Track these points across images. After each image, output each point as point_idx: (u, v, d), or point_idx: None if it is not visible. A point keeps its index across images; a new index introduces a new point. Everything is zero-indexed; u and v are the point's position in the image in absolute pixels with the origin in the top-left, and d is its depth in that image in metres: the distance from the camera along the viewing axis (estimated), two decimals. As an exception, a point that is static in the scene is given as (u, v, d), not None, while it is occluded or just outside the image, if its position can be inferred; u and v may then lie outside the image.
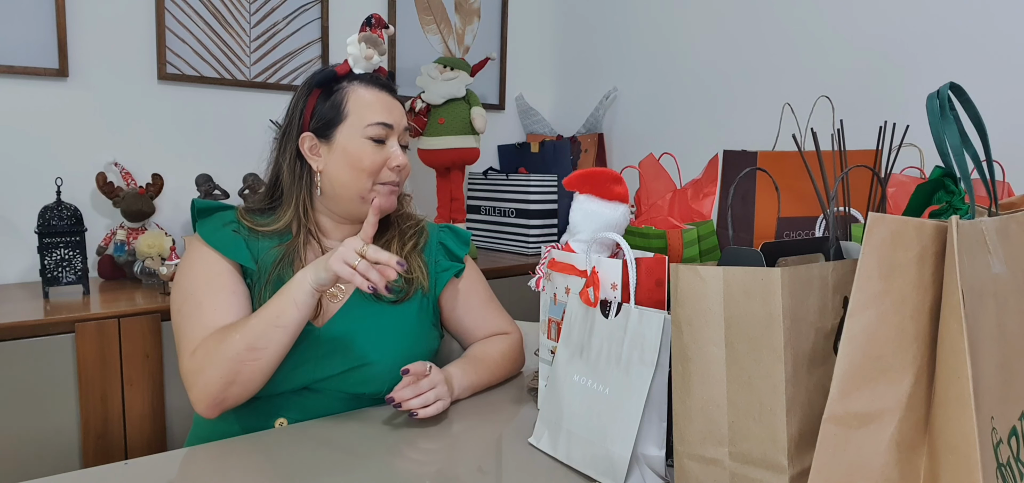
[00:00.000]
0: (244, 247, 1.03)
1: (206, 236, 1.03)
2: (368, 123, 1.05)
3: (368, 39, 1.09)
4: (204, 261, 1.01)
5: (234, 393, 0.93)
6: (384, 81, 1.11)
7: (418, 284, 1.11)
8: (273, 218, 1.08)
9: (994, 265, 0.60)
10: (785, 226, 1.00)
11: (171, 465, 0.84)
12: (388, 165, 1.06)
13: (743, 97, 2.01)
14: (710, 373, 0.65)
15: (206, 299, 0.98)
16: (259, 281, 1.02)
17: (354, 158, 1.04)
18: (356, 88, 1.07)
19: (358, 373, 1.01)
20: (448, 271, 1.15)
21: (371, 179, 1.06)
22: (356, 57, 1.09)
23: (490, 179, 2.28)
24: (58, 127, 1.70)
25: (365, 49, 1.08)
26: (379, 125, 1.05)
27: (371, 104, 1.06)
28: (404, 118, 1.11)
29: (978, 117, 0.69)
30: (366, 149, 1.05)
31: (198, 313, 0.97)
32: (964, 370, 0.53)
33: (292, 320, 0.93)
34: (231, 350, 0.91)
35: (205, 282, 0.99)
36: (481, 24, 2.45)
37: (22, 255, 1.67)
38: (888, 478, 0.56)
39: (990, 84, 1.50)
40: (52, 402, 1.32)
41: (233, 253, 1.02)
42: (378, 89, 1.09)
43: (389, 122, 1.06)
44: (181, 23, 1.84)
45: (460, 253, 1.18)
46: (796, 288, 0.60)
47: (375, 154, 1.05)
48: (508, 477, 0.82)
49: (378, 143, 1.06)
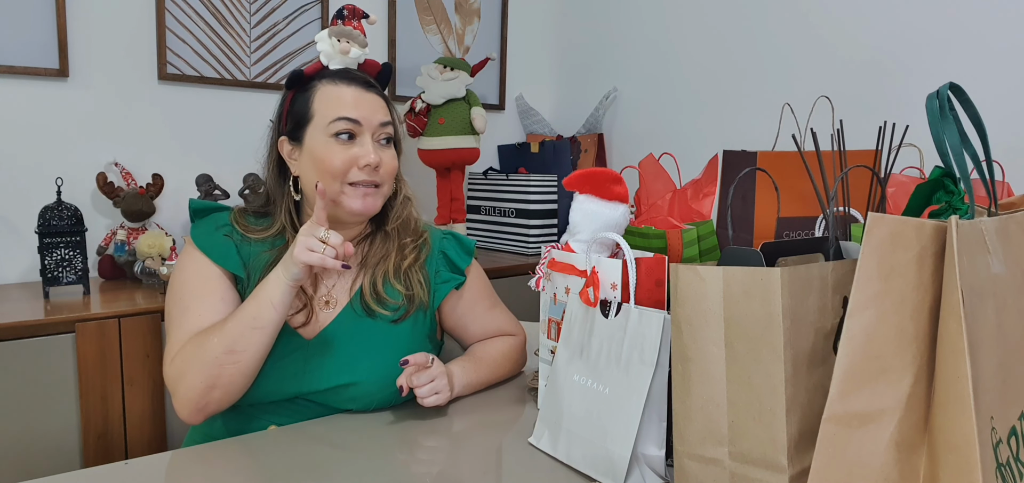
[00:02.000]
0: (235, 254, 1.01)
1: (197, 240, 1.01)
2: (330, 120, 0.99)
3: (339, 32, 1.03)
4: (194, 266, 0.99)
5: (216, 397, 0.91)
6: (358, 75, 1.05)
7: (418, 302, 1.06)
8: (268, 222, 1.06)
9: (993, 265, 0.60)
10: (785, 226, 1.00)
11: (171, 465, 0.84)
12: (357, 164, 0.99)
13: (743, 97, 2.01)
14: (710, 373, 0.65)
15: (192, 304, 0.96)
16: (249, 287, 0.99)
17: (319, 159, 0.99)
18: (323, 85, 1.02)
19: (346, 391, 0.98)
20: (448, 283, 1.11)
21: (338, 181, 0.98)
22: (328, 53, 1.03)
23: (490, 179, 2.28)
24: (58, 127, 1.70)
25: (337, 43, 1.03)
26: (342, 120, 0.98)
27: (335, 99, 1.00)
28: (381, 113, 1.02)
29: (978, 117, 0.69)
30: (331, 149, 0.98)
31: (183, 319, 0.95)
32: (964, 370, 0.53)
33: (270, 321, 0.91)
34: (210, 354, 0.89)
35: (193, 288, 0.97)
36: (481, 24, 2.45)
37: (22, 255, 1.67)
38: (888, 478, 0.56)
39: (990, 84, 1.50)
40: (52, 402, 1.32)
41: (223, 260, 0.99)
42: (346, 84, 1.02)
43: (354, 117, 0.99)
44: (181, 23, 1.84)
45: (462, 264, 1.13)
46: (796, 288, 0.61)
47: (341, 153, 0.98)
48: (508, 477, 0.82)
49: (346, 142, 0.99)
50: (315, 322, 1.01)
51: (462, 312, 1.14)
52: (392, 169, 1.04)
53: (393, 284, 1.05)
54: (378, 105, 1.03)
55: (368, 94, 1.03)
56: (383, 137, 1.03)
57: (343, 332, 1.01)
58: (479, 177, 2.33)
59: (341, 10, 1.08)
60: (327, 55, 1.04)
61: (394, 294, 1.05)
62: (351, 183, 0.99)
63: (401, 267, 1.07)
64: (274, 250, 1.02)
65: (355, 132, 1.00)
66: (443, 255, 1.13)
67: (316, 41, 1.04)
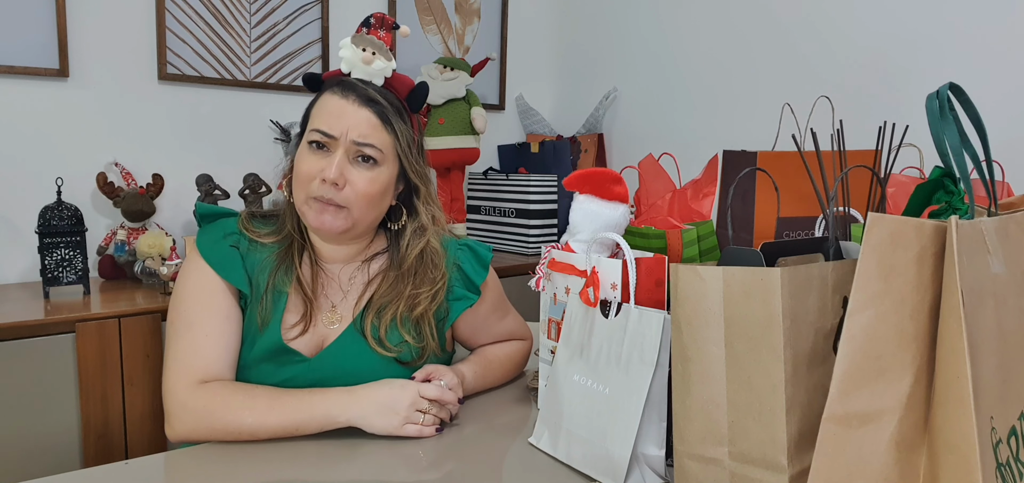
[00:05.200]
0: (240, 266, 0.97)
1: (203, 250, 0.97)
2: (310, 129, 0.96)
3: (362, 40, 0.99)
4: (199, 277, 0.96)
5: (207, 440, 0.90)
6: (359, 86, 0.97)
7: (430, 352, 1.03)
8: (276, 223, 1.03)
9: (993, 265, 0.60)
10: (785, 226, 1.00)
11: (171, 465, 0.84)
12: (319, 177, 0.93)
13: (743, 97, 2.01)
14: (710, 373, 0.65)
15: (198, 320, 0.94)
16: (255, 298, 0.96)
17: (295, 166, 0.97)
18: (324, 93, 0.98)
19: None
20: (462, 301, 1.06)
21: (302, 191, 0.95)
22: (350, 60, 0.99)
23: (490, 179, 2.28)
24: (58, 127, 1.70)
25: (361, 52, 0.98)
26: (315, 131, 0.94)
27: (323, 109, 0.96)
28: (363, 130, 0.95)
29: (978, 117, 0.69)
30: (303, 157, 0.95)
31: (189, 334, 0.93)
32: (963, 370, 0.53)
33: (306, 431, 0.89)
34: (234, 426, 0.87)
35: (199, 301, 0.95)
36: (481, 24, 2.45)
37: (23, 255, 1.67)
38: (888, 478, 0.56)
39: (990, 84, 1.50)
40: (52, 402, 1.32)
41: (228, 273, 0.96)
42: (340, 94, 0.96)
43: (326, 130, 0.94)
44: (181, 23, 1.84)
45: (478, 280, 1.07)
46: (796, 288, 0.61)
47: (309, 163, 0.94)
48: (508, 477, 0.82)
49: (317, 151, 0.95)
50: (317, 337, 0.98)
51: (475, 326, 1.12)
52: (362, 193, 0.95)
53: (401, 332, 1.00)
54: (364, 121, 0.95)
55: (361, 109, 0.95)
56: (358, 155, 0.95)
57: (346, 354, 0.98)
58: (479, 177, 2.33)
59: (368, 18, 1.02)
60: (348, 63, 0.98)
61: (398, 339, 1.00)
62: (314, 197, 0.94)
63: (412, 314, 1.01)
64: (280, 253, 0.99)
65: (329, 145, 0.95)
66: (458, 268, 1.07)
67: (340, 47, 0.99)
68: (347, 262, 1.04)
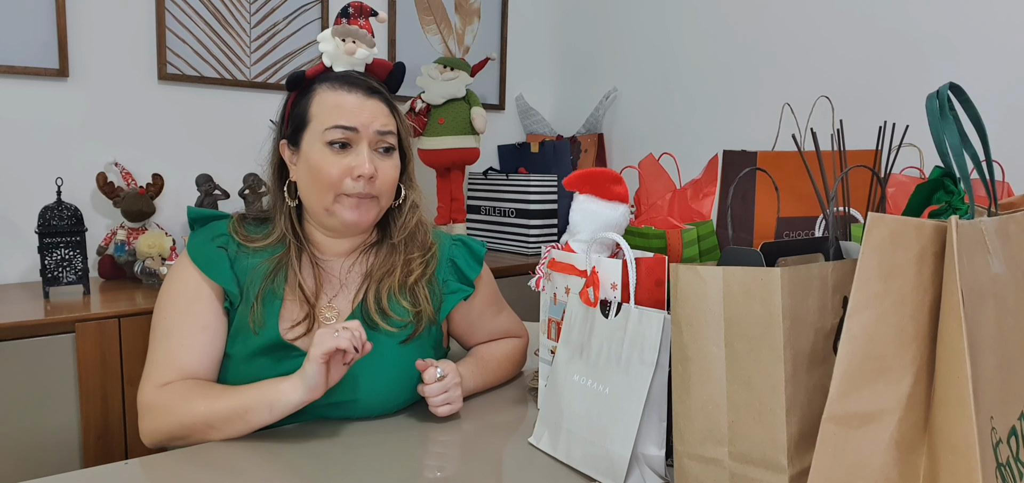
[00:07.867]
0: (229, 268, 0.96)
1: (191, 251, 0.97)
2: (326, 127, 0.95)
3: (345, 31, 0.98)
4: (184, 282, 0.96)
5: (178, 444, 0.90)
6: (360, 78, 0.99)
7: (426, 318, 1.02)
8: (268, 228, 1.02)
9: (993, 265, 0.60)
10: (785, 226, 1.00)
11: (172, 465, 0.84)
12: (351, 175, 0.95)
13: (743, 97, 2.01)
14: (710, 373, 0.65)
15: (176, 328, 0.93)
16: (244, 301, 0.96)
17: (314, 168, 0.96)
18: (323, 89, 0.98)
19: (347, 407, 0.96)
20: (457, 294, 1.07)
21: (331, 191, 0.95)
22: (332, 54, 0.98)
23: (490, 179, 2.28)
24: (58, 127, 1.70)
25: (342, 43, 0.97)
26: (337, 129, 0.95)
27: (332, 106, 0.96)
28: (381, 120, 0.98)
29: (978, 117, 0.69)
30: (325, 158, 0.95)
31: (166, 343, 0.93)
32: (963, 370, 0.53)
33: (259, 422, 0.88)
34: (189, 417, 0.87)
35: (179, 309, 0.95)
36: (481, 24, 2.45)
37: (22, 255, 1.67)
38: (888, 478, 0.56)
39: (990, 84, 1.50)
40: (52, 402, 1.32)
41: (216, 275, 0.95)
42: (346, 89, 0.97)
43: (350, 125, 0.95)
44: (181, 23, 1.84)
45: (471, 274, 1.09)
46: (796, 288, 0.61)
47: (335, 163, 0.95)
48: (508, 477, 0.82)
49: (340, 151, 0.96)
50: None
51: (471, 321, 1.12)
52: (390, 180, 0.99)
53: (399, 300, 1.01)
54: (379, 111, 0.98)
55: (370, 100, 0.98)
56: (382, 146, 0.98)
57: None
58: (479, 177, 2.33)
59: (346, 8, 1.02)
60: (331, 56, 0.98)
61: (400, 310, 1.01)
62: (345, 194, 0.96)
63: (407, 282, 1.02)
64: (274, 257, 0.98)
65: (351, 140, 0.96)
66: (452, 263, 1.09)
67: (318, 41, 0.99)
68: (348, 254, 1.04)
